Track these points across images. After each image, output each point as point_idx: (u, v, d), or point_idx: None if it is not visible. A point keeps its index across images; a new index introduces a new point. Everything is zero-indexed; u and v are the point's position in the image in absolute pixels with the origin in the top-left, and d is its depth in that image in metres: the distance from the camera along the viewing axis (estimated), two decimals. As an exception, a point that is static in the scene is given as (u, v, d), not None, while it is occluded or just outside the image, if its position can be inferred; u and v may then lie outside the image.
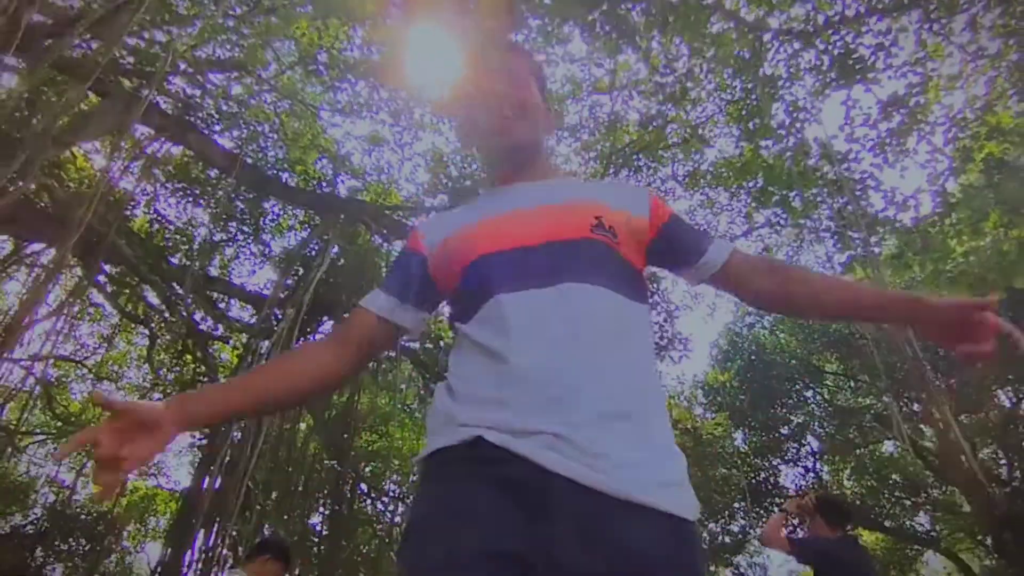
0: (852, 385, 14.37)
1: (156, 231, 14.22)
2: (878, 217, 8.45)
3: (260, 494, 13.42)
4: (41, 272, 11.75)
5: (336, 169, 14.11)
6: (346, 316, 1.33)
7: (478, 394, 1.02)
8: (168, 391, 15.89)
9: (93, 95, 10.39)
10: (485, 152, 1.36)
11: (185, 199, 13.91)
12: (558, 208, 1.17)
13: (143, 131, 11.71)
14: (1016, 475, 13.98)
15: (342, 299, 14.39)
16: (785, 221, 10.99)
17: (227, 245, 15.01)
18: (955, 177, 8.55)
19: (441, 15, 7.48)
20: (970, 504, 13.64)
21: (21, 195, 9.42)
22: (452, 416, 1.01)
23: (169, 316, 14.09)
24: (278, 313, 12.77)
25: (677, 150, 13.04)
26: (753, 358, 15.25)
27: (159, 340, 15.11)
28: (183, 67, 11.07)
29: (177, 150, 12.56)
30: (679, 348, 11.99)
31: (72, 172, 12.14)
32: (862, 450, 14.89)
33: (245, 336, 13.86)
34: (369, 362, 1.37)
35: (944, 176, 8.73)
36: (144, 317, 14.81)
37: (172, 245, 14.31)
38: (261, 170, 12.73)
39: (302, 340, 14.14)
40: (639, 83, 11.63)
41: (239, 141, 12.63)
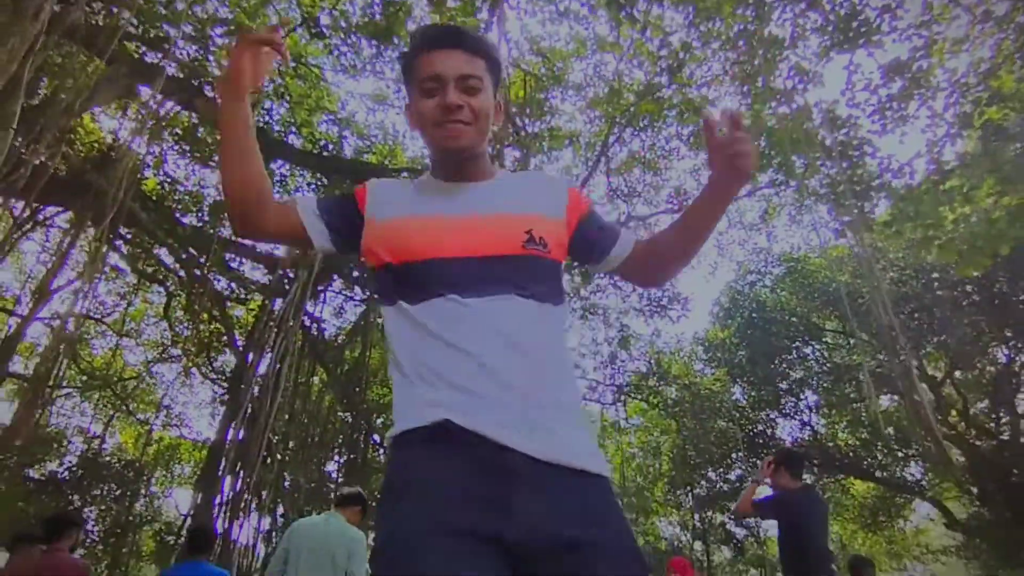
0: (850, 343, 14.73)
1: (167, 193, 14.50)
2: (873, 183, 8.62)
3: (279, 445, 14.14)
4: (62, 237, 12.19)
5: (341, 129, 14.26)
6: (291, 199, 1.40)
7: (443, 381, 1.15)
8: (186, 347, 16.53)
9: (100, 61, 10.54)
10: (432, 146, 1.35)
11: (194, 161, 14.15)
12: (495, 220, 1.28)
13: (150, 95, 11.90)
14: (1005, 428, 14.42)
15: (349, 259, 14.82)
16: (786, 183, 11.15)
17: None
18: (953, 143, 8.67)
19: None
20: (961, 456, 14.16)
21: (37, 163, 9.71)
22: (419, 398, 1.16)
23: (184, 276, 14.55)
24: (290, 273, 13.16)
25: (681, 110, 13.07)
26: (753, 316, 15.59)
27: (175, 299, 15.65)
28: (187, 28, 11.17)
29: (185, 114, 12.76)
30: (678, 309, 12.30)
31: (82, 136, 12.37)
32: (858, 405, 15.34)
33: (260, 296, 14.31)
34: (272, 237, 1.44)
35: (942, 142, 8.85)
36: (160, 277, 15.29)
37: (183, 207, 14.61)
38: (267, 133, 12.92)
39: (314, 301, 14.68)
40: (642, 45, 11.64)
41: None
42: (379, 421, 18.55)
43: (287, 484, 14.50)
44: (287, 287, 12.78)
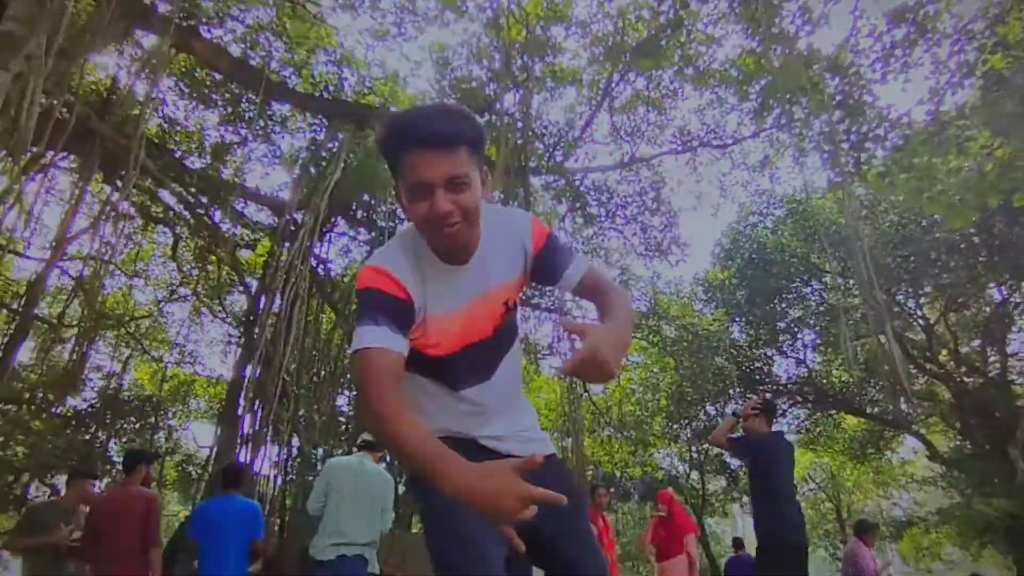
0: (848, 284, 15.16)
1: (167, 134, 14.66)
2: (870, 134, 8.85)
3: (293, 381, 14.86)
4: (72, 185, 12.50)
5: (341, 69, 14.28)
6: (370, 355, 1.39)
7: (456, 413, 1.61)
8: (196, 288, 17.09)
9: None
10: (430, 242, 1.48)
11: (193, 103, 14.27)
12: (484, 301, 1.53)
13: (147, 38, 11.96)
14: (994, 367, 15.04)
15: (353, 200, 15.12)
16: (787, 128, 11.31)
17: (238, 147, 15.48)
18: (954, 92, 8.84)
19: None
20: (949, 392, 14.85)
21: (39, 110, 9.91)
22: (447, 427, 1.58)
23: (190, 218, 14.92)
24: (296, 216, 13.48)
25: (686, 49, 13.06)
26: (754, 257, 15.97)
27: (182, 241, 16.08)
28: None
29: (182, 57, 12.82)
30: (676, 253, 12.72)
31: (77, 81, 12.47)
32: (854, 343, 15.91)
33: (264, 240, 14.70)
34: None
35: (943, 90, 9.01)
36: (165, 219, 15.65)
37: (185, 149, 14.82)
38: (266, 75, 13.00)
39: (320, 243, 15.09)
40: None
41: (244, 46, 12.84)
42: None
43: (301, 418, 15.31)
44: (294, 229, 13.14)
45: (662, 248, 13.58)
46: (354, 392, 18.17)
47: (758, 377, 17.28)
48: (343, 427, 17.99)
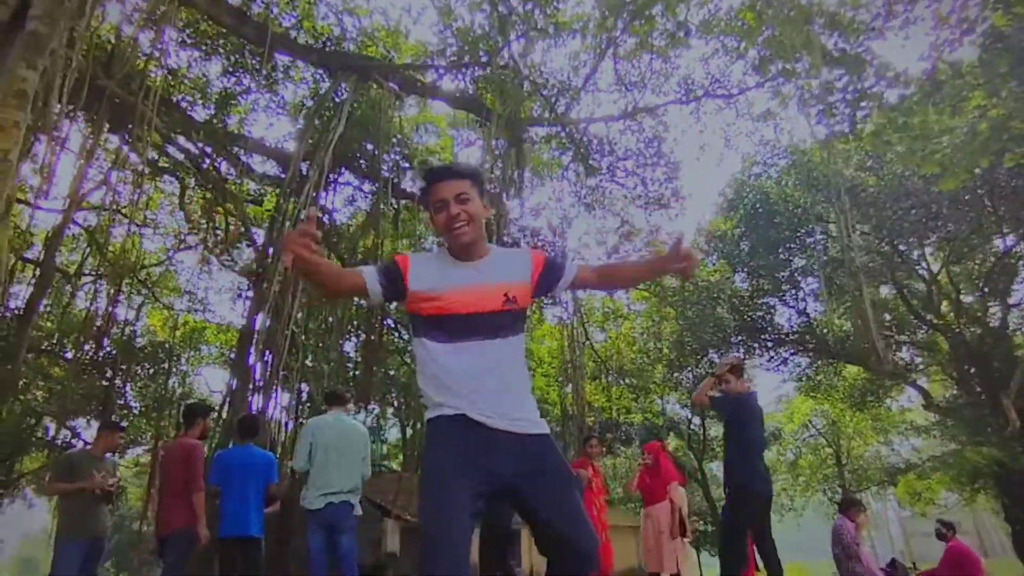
0: (852, 234, 15.44)
1: (172, 86, 14.95)
2: (866, 92, 9.12)
3: (301, 332, 15.57)
4: (83, 139, 12.98)
5: (342, 19, 14.43)
6: (358, 270, 2.09)
7: (458, 392, 2.01)
8: (205, 238, 17.70)
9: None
10: (448, 242, 2.13)
11: (196, 53, 14.53)
12: (488, 288, 2.08)
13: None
14: (994, 317, 15.49)
15: (358, 151, 15.49)
16: (789, 81, 11.50)
17: (242, 96, 15.78)
18: (953, 49, 9.03)
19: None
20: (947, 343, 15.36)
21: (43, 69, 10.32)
22: (447, 402, 2.01)
23: (196, 170, 15.39)
24: (301, 167, 13.88)
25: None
26: (757, 207, 16.28)
27: (188, 191, 16.60)
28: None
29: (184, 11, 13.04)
30: (676, 208, 13.12)
31: (86, 40, 12.74)
32: (856, 294, 16.31)
33: (271, 193, 15.18)
34: (344, 295, 2.31)
35: (943, 47, 9.19)
36: (173, 169, 16.14)
37: (190, 100, 15.15)
38: (269, 26, 13.22)
39: (325, 193, 15.54)
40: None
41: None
42: (393, 305, 19.99)
43: (310, 364, 16.12)
44: (300, 181, 13.55)
45: (662, 201, 13.95)
46: (361, 338, 18.96)
47: (760, 326, 17.83)
48: (351, 372, 18.85)
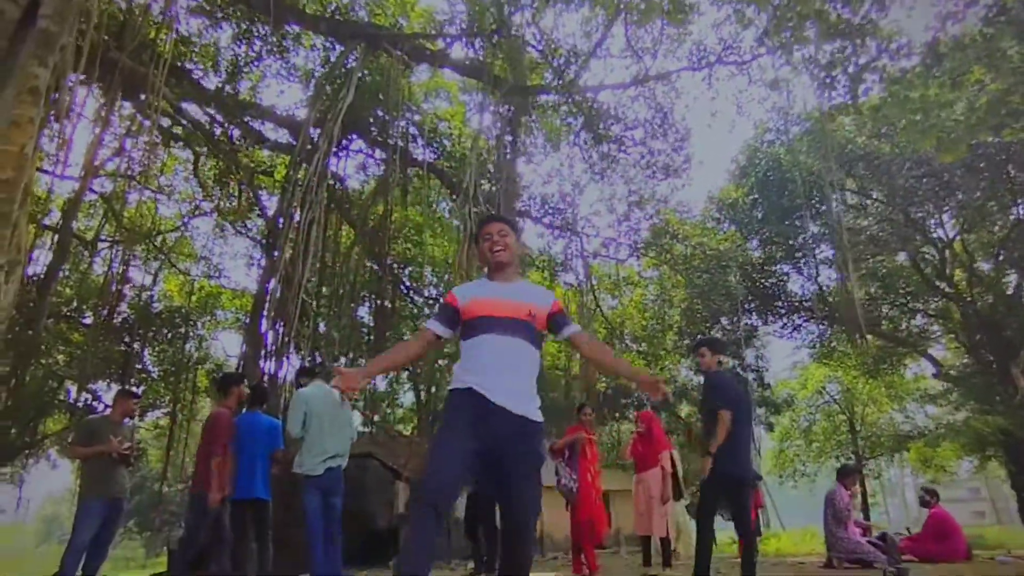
0: (866, 202, 15.68)
1: (183, 54, 15.35)
2: (869, 65, 9.34)
3: (312, 299, 16.17)
4: (98, 109, 13.49)
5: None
6: (421, 329, 2.90)
7: (473, 371, 2.62)
8: (218, 205, 18.32)
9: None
10: (488, 264, 2.89)
11: (206, 20, 14.89)
12: (514, 302, 2.73)
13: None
14: (1008, 285, 15.68)
15: (369, 118, 15.86)
16: (800, 49, 11.64)
17: (253, 63, 16.15)
18: (956, 21, 9.18)
19: None
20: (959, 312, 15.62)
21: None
22: (463, 378, 2.63)
23: (206, 137, 15.88)
24: (312, 135, 14.29)
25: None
26: (769, 174, 16.47)
27: (202, 158, 17.14)
28: None
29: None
30: (684, 178, 13.43)
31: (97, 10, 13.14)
32: (872, 260, 16.61)
33: (282, 163, 15.64)
34: (436, 346, 2.92)
35: (946, 20, 9.34)
36: (185, 137, 16.65)
37: (202, 69, 15.55)
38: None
39: (336, 161, 16.00)
40: None
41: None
42: (408, 271, 20.50)
43: (323, 331, 16.74)
44: (310, 149, 13.98)
45: (672, 168, 14.24)
46: (375, 304, 19.54)
47: (772, 293, 18.16)
48: (365, 338, 19.50)
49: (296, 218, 13.61)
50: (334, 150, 15.08)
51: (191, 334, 20.52)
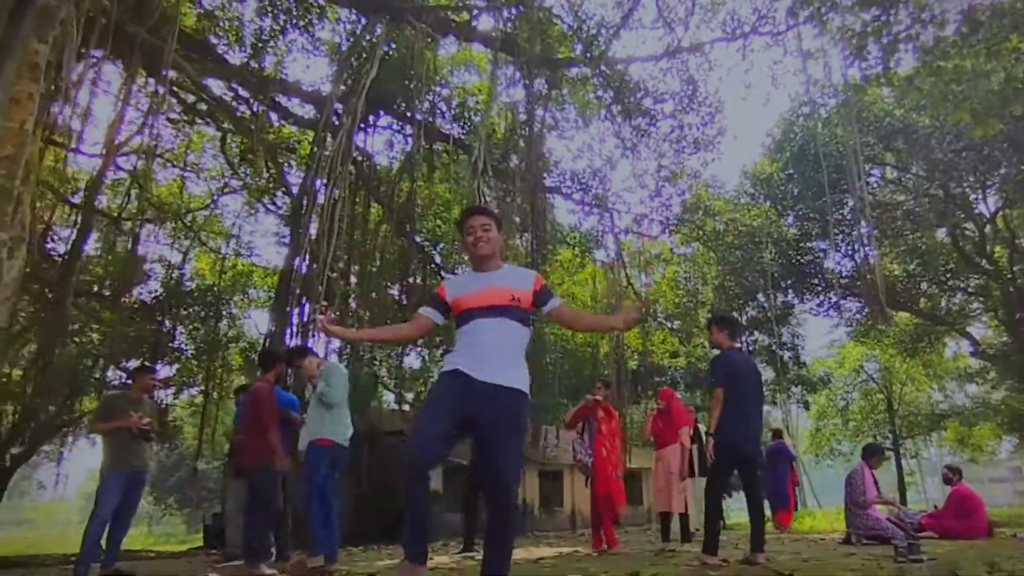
0: (905, 177, 15.40)
1: (206, 29, 15.55)
2: (901, 33, 9.18)
3: (339, 277, 16.41)
4: (120, 86, 13.79)
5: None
6: (416, 314, 3.13)
7: (460, 354, 2.81)
8: (246, 183, 18.68)
9: None
10: (470, 256, 3.06)
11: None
12: (497, 289, 2.87)
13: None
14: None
15: (397, 93, 15.96)
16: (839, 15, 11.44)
17: (278, 37, 16.29)
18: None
19: None
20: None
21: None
22: (451, 361, 2.83)
23: (229, 114, 16.11)
24: (337, 109, 14.44)
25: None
26: (805, 148, 16.19)
27: (229, 137, 17.42)
28: None
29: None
30: (714, 152, 13.35)
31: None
32: (912, 236, 16.35)
33: (303, 139, 15.82)
34: (429, 331, 3.14)
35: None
36: (210, 113, 16.91)
37: (226, 43, 15.74)
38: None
39: (364, 138, 16.20)
40: None
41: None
42: (439, 248, 20.67)
43: (351, 312, 17.00)
44: (335, 124, 14.13)
45: (702, 144, 14.15)
46: (405, 282, 19.72)
47: (808, 271, 18.01)
48: (395, 315, 19.74)
49: (320, 195, 13.82)
50: (361, 126, 15.27)
51: (224, 312, 20.99)
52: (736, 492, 15.16)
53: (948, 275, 16.58)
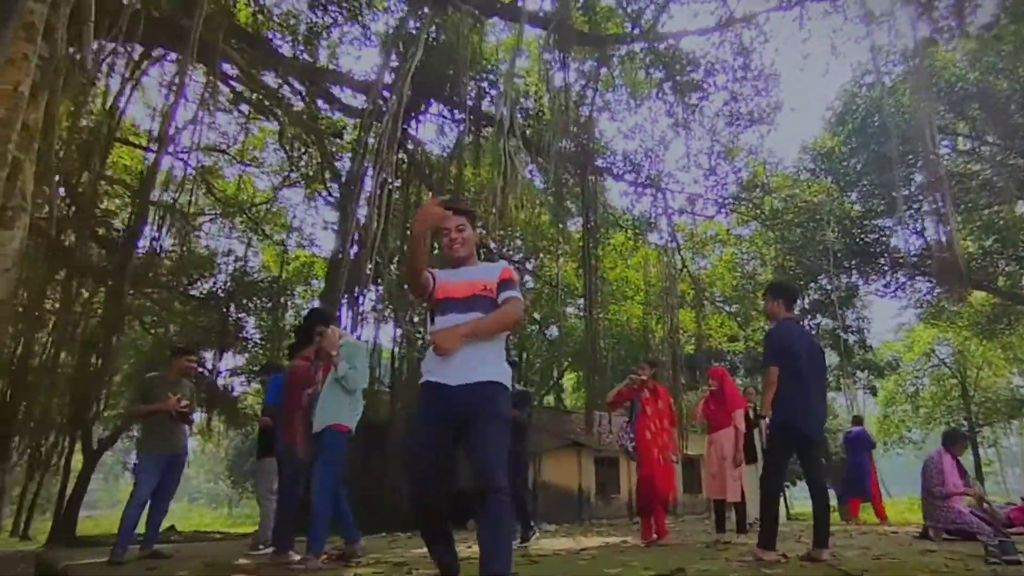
0: (979, 147, 13.96)
1: (262, 22, 15.46)
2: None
3: (387, 264, 16.15)
4: (173, 79, 13.74)
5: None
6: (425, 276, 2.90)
7: (432, 361, 2.76)
8: (306, 173, 18.62)
9: None
10: (446, 256, 2.99)
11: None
12: (470, 282, 2.84)
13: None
14: None
15: (447, 82, 15.55)
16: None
17: (330, 30, 16.11)
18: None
19: None
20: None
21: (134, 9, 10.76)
22: (426, 370, 2.79)
23: (284, 107, 16.00)
24: (386, 93, 14.10)
25: None
26: (870, 120, 14.90)
27: (286, 130, 17.35)
28: None
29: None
30: (768, 122, 12.36)
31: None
32: (988, 210, 14.89)
33: (356, 129, 15.59)
34: (424, 290, 2.90)
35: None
36: (267, 107, 16.86)
37: (280, 37, 15.63)
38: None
39: (416, 123, 15.89)
40: None
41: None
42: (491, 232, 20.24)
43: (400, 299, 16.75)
44: (383, 109, 13.79)
45: (756, 117, 13.15)
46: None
47: (874, 249, 16.69)
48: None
49: (368, 181, 13.53)
50: (411, 114, 14.92)
51: (288, 303, 21.16)
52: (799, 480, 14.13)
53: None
